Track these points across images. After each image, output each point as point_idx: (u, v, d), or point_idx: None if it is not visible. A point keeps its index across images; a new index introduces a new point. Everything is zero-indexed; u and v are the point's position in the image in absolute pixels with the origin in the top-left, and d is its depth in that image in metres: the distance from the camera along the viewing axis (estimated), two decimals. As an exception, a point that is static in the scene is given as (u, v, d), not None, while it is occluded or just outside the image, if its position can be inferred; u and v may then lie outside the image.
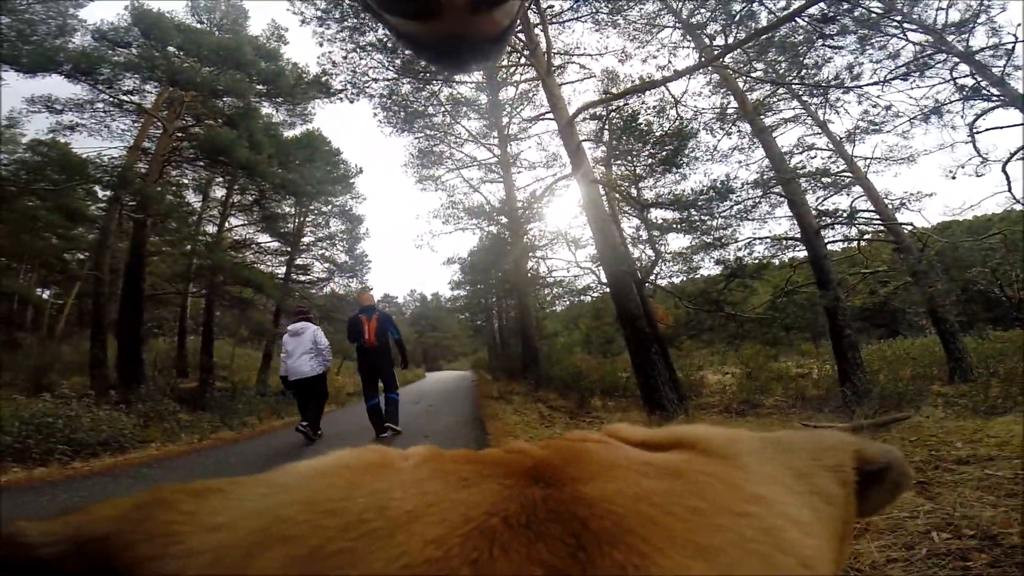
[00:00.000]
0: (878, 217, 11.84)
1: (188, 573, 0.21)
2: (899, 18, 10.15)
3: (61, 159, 11.58)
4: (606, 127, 16.29)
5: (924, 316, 12.44)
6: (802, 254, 12.92)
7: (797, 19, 9.35)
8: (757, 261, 13.39)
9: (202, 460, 6.92)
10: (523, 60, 13.75)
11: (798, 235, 12.64)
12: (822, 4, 8.96)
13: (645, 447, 0.31)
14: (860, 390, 8.68)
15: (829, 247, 12.36)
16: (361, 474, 0.26)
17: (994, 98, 9.37)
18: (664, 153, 15.58)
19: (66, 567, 0.23)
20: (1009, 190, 9.63)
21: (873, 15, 10.12)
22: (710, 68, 12.12)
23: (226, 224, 17.13)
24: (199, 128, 14.02)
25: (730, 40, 10.66)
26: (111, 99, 13.07)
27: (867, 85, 10.70)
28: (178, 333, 16.55)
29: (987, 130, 9.88)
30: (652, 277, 14.32)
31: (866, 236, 12.71)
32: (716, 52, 10.84)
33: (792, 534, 0.24)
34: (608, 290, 11.58)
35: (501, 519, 0.22)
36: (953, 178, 10.80)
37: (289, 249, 18.18)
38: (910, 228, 11.44)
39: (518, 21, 0.52)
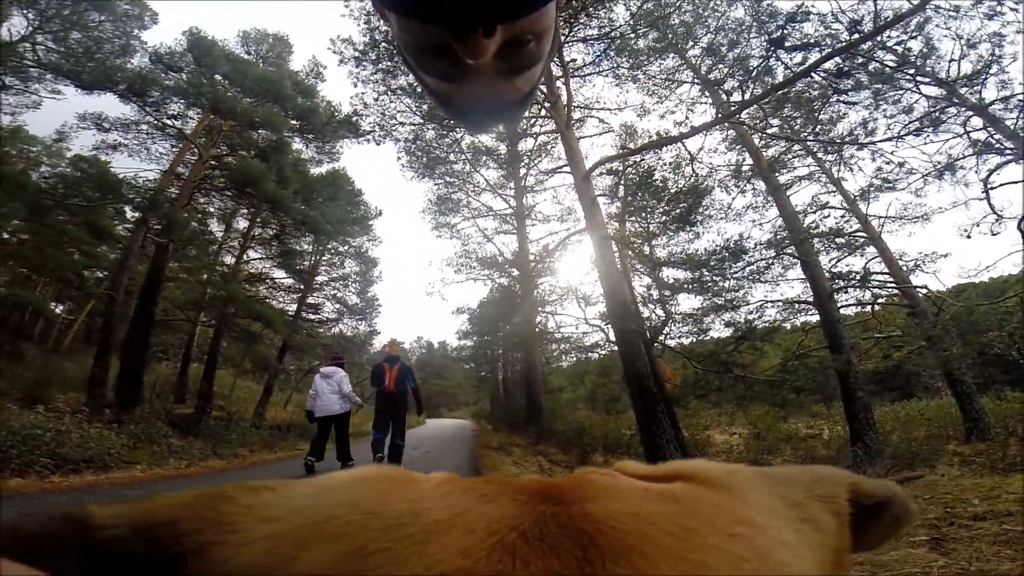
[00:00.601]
0: (892, 280, 11.77)
1: (244, 557, 0.24)
2: (912, 71, 10.40)
3: (99, 177, 11.98)
4: (622, 182, 16.70)
5: (939, 379, 12.08)
6: (814, 318, 12.78)
7: (813, 74, 9.64)
8: (768, 324, 13.29)
9: (186, 486, 6.99)
10: (543, 112, 14.25)
11: (810, 299, 12.55)
12: (837, 59, 9.26)
13: (648, 480, 0.32)
14: (872, 450, 8.39)
15: (842, 311, 12.27)
16: (394, 484, 0.29)
17: (1008, 152, 9.44)
18: (678, 211, 15.87)
19: (122, 548, 0.25)
20: None
21: (887, 69, 10.41)
22: (727, 124, 12.41)
23: (244, 256, 17.45)
24: (232, 158, 14.53)
25: (747, 96, 10.98)
26: (156, 121, 13.63)
27: (881, 141, 10.79)
28: (182, 359, 16.57)
29: (1001, 185, 9.84)
30: (661, 337, 14.25)
31: (880, 300, 12.58)
32: (733, 108, 11.12)
33: (781, 555, 0.25)
34: (616, 348, 11.43)
35: (519, 532, 0.24)
36: (968, 237, 10.73)
37: (302, 287, 18.36)
38: (924, 291, 11.30)
39: (538, 89, 0.60)
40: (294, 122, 15.45)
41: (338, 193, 18.03)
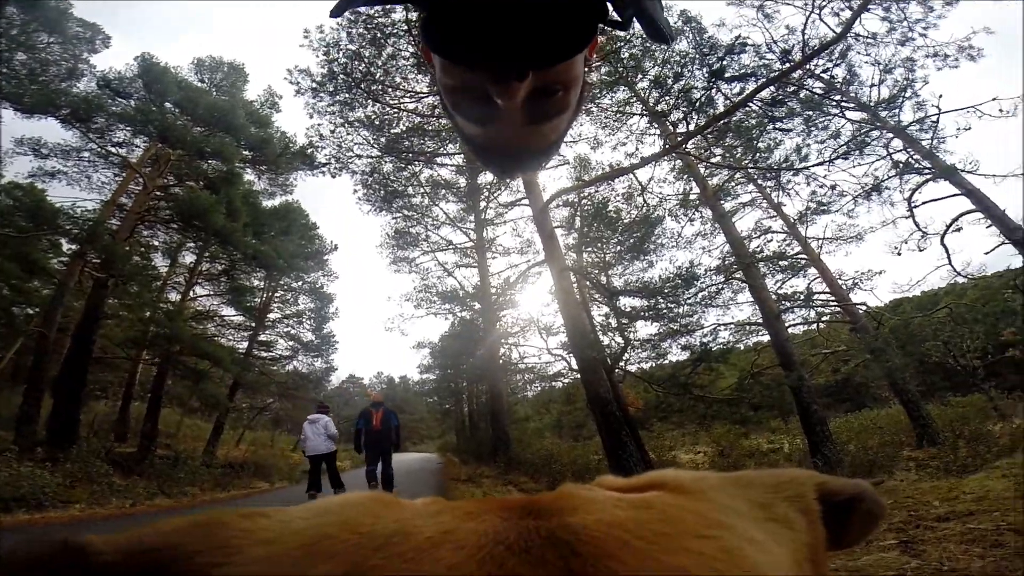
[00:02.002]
0: (833, 299, 12.47)
1: None
2: (838, 97, 11.29)
3: (34, 206, 11.33)
4: (578, 214, 17.16)
5: (887, 388, 12.74)
6: (765, 338, 13.33)
7: (750, 104, 10.35)
8: (722, 346, 13.75)
9: (131, 524, 6.70)
10: (502, 145, 14.49)
11: (760, 320, 13.11)
12: (771, 88, 9.98)
13: (626, 491, 0.34)
14: (831, 460, 8.71)
15: (790, 331, 12.87)
16: (384, 507, 0.30)
17: (926, 171, 10.32)
18: (632, 240, 16.41)
19: (122, 574, 0.25)
20: (949, 263, 10.36)
21: (815, 96, 11.25)
22: (674, 154, 12.99)
23: (191, 292, 16.66)
24: (180, 189, 13.99)
25: (691, 127, 11.58)
26: (99, 149, 13.10)
27: (813, 166, 11.49)
28: (123, 398, 15.49)
29: (924, 203, 10.71)
30: (621, 363, 14.50)
31: (824, 318, 13.26)
32: (679, 139, 11.70)
33: (750, 553, 0.27)
34: (579, 376, 11.53)
35: (505, 546, 0.25)
36: (898, 254, 11.54)
37: (254, 324, 17.64)
38: (864, 308, 12.01)
39: (564, 138, 0.65)
40: (246, 152, 15.13)
41: (291, 227, 17.63)
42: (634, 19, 0.57)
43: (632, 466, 9.40)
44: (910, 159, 10.61)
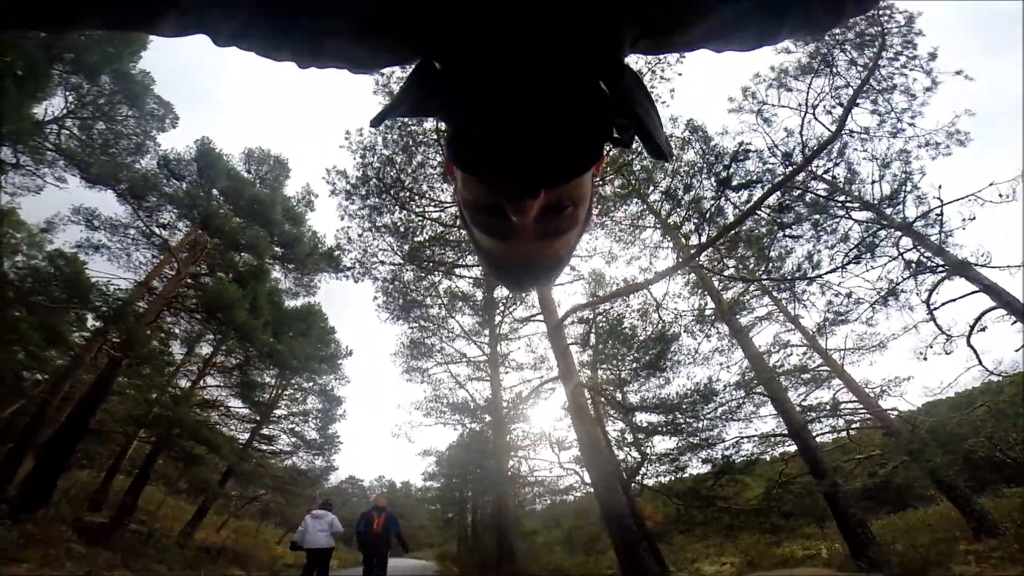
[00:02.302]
0: (862, 407, 11.87)
1: None
2: (842, 198, 11.58)
3: (72, 277, 11.71)
4: (592, 330, 17.23)
5: (931, 487, 11.52)
6: (792, 448, 12.56)
7: (758, 211, 10.74)
8: (746, 458, 12.94)
9: None
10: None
11: (785, 431, 12.47)
12: (777, 194, 10.42)
13: None
14: (876, 562, 7.68)
15: (819, 439, 12.11)
16: None
17: (940, 268, 10.27)
18: (648, 357, 16.24)
19: None
20: (980, 363, 9.94)
21: (820, 198, 11.61)
22: (687, 268, 13.22)
23: (201, 382, 16.56)
24: (209, 279, 14.48)
25: (703, 238, 11.85)
26: (145, 227, 13.61)
27: (827, 273, 11.48)
28: (108, 469, 14.73)
29: (943, 304, 10.51)
30: (638, 477, 13.66)
31: (854, 426, 12.51)
32: (692, 251, 11.93)
33: None
34: (592, 490, 10.89)
35: None
36: (924, 359, 11.10)
37: (259, 418, 17.24)
38: (896, 413, 11.37)
39: (573, 255, 0.72)
40: (278, 249, 15.75)
41: (311, 329, 17.86)
42: (635, 138, 0.62)
43: None
44: (921, 257, 10.70)
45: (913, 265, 10.67)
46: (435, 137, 12.72)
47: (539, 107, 0.50)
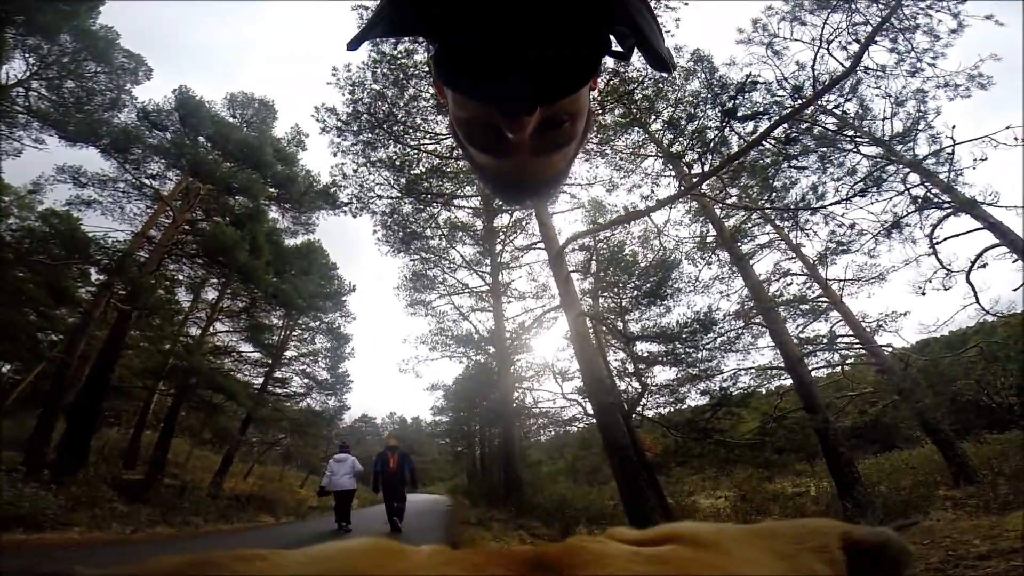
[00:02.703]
0: (858, 341, 12.06)
1: None
2: (851, 132, 11.20)
3: (68, 234, 11.71)
4: (594, 258, 17.19)
5: (917, 429, 12.04)
6: (788, 382, 12.89)
7: (764, 142, 10.37)
8: (743, 391, 13.33)
9: (129, 552, 6.82)
10: (517, 187, 14.66)
11: (782, 364, 12.73)
12: (784, 126, 10.02)
13: (640, 544, 0.33)
14: (862, 502, 8.18)
15: (814, 374, 12.43)
16: (386, 556, 0.30)
17: (946, 205, 10.09)
18: (649, 285, 16.30)
19: None
20: (977, 301, 9.97)
21: (829, 132, 11.21)
22: (689, 196, 13.00)
23: (211, 328, 16.89)
24: (207, 224, 14.41)
25: (706, 168, 11.58)
26: (134, 180, 13.48)
27: (831, 204, 11.27)
28: (135, 426, 15.49)
29: (946, 239, 10.41)
30: (639, 408, 14.13)
31: (848, 361, 12.79)
32: (694, 180, 11.69)
33: None
34: (595, 421, 11.25)
35: None
36: (923, 294, 11.14)
37: (271, 361, 17.72)
38: (890, 349, 11.57)
39: (572, 166, 0.69)
40: (272, 190, 15.57)
41: (312, 266, 17.93)
42: (635, 49, 0.58)
43: (650, 512, 9.06)
44: (929, 194, 10.44)
45: (919, 200, 10.41)
46: (427, 69, 12.14)
47: (531, 19, 0.46)
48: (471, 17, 0.47)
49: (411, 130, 13.41)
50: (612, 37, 0.56)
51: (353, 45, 0.60)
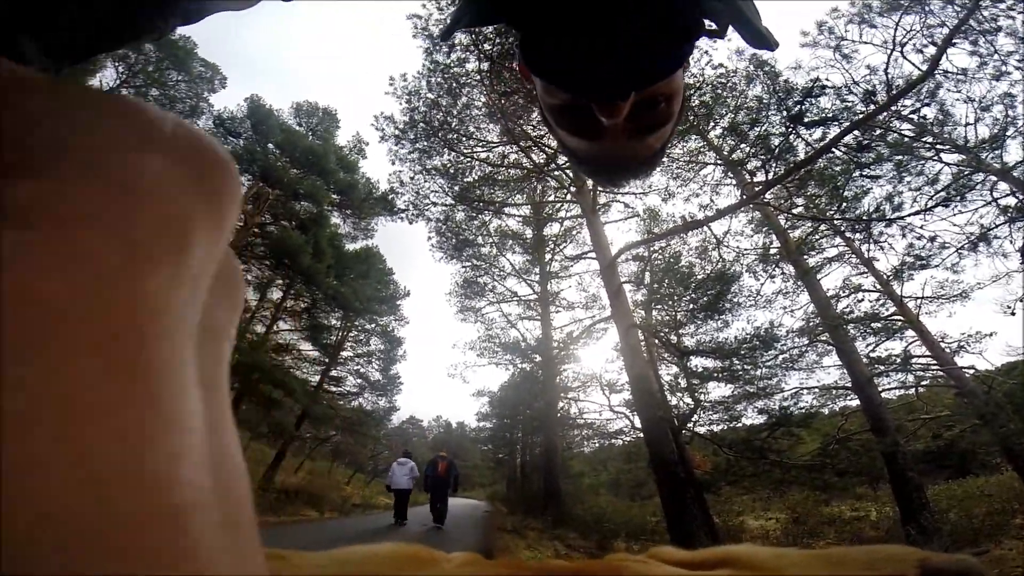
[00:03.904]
0: (935, 362, 11.06)
1: None
2: (931, 139, 10.38)
3: None
4: (648, 269, 16.74)
5: (998, 455, 10.84)
6: (854, 403, 12.01)
7: (834, 149, 9.78)
8: (804, 411, 12.51)
9: None
10: (569, 197, 14.63)
11: (849, 384, 11.88)
12: (856, 132, 9.40)
13: (687, 566, 0.31)
14: (927, 529, 7.42)
15: (884, 395, 11.49)
16: (411, 563, 0.29)
17: None
18: (706, 298, 15.66)
19: None
20: None
21: (906, 139, 10.43)
22: (751, 206, 12.43)
23: (274, 326, 17.78)
24: (274, 227, 15.22)
25: (770, 176, 11.03)
26: None
27: (909, 215, 10.43)
28: None
29: None
30: (690, 424, 13.55)
31: (924, 382, 11.76)
32: (757, 188, 11.19)
33: None
34: (642, 435, 10.91)
35: None
36: (1012, 313, 10.09)
37: (327, 360, 18.42)
38: (972, 371, 10.53)
39: (669, 144, 0.67)
40: (335, 196, 16.27)
41: (370, 271, 18.53)
42: (731, 27, 0.56)
43: (695, 531, 8.68)
44: (1020, 204, 9.50)
45: (1010, 211, 9.46)
46: (478, 78, 12.39)
47: (622, 3, 0.44)
48: (560, 3, 0.46)
49: (464, 138, 13.69)
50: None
51: (445, 36, 0.61)
